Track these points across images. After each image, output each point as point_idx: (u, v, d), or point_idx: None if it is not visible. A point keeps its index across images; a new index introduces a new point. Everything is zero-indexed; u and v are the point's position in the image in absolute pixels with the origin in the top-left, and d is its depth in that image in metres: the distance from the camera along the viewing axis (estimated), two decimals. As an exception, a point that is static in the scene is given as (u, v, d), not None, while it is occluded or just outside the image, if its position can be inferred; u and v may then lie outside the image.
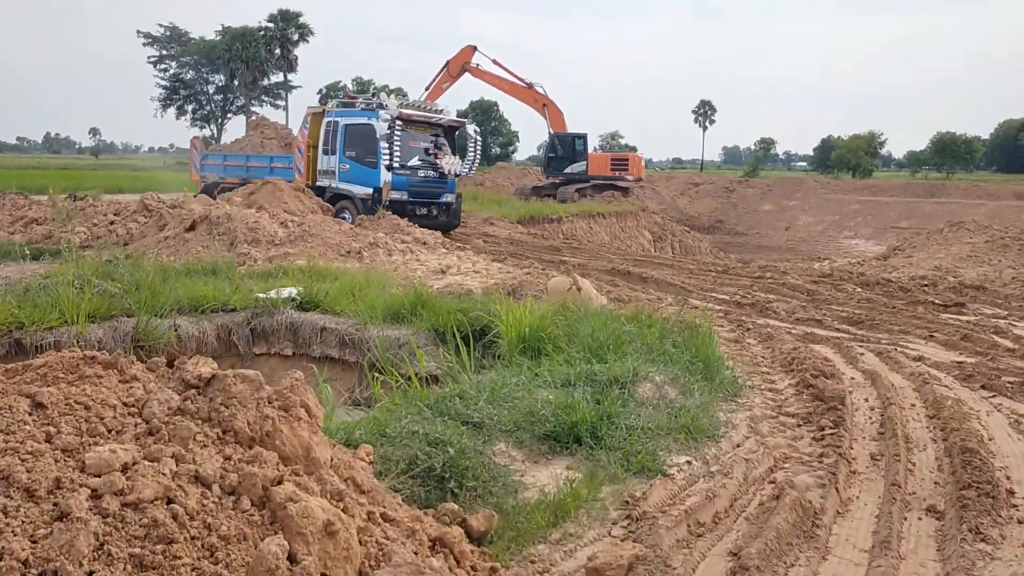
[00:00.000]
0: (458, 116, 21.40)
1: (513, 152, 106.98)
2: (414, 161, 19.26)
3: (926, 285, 12.65)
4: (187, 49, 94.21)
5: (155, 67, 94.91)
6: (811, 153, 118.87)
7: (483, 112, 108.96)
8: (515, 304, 8.08)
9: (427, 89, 35.86)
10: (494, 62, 36.43)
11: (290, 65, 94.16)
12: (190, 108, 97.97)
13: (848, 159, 79.98)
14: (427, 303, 9.34)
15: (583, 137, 37.29)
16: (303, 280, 11.14)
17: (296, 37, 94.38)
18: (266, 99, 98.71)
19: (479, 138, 21.38)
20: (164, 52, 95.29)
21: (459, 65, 35.97)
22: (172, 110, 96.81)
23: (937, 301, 11.23)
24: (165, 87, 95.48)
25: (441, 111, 20.67)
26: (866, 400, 6.79)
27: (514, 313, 7.72)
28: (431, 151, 19.73)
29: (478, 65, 36.54)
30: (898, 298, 11.72)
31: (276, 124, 25.16)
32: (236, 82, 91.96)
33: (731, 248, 37.95)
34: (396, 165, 18.39)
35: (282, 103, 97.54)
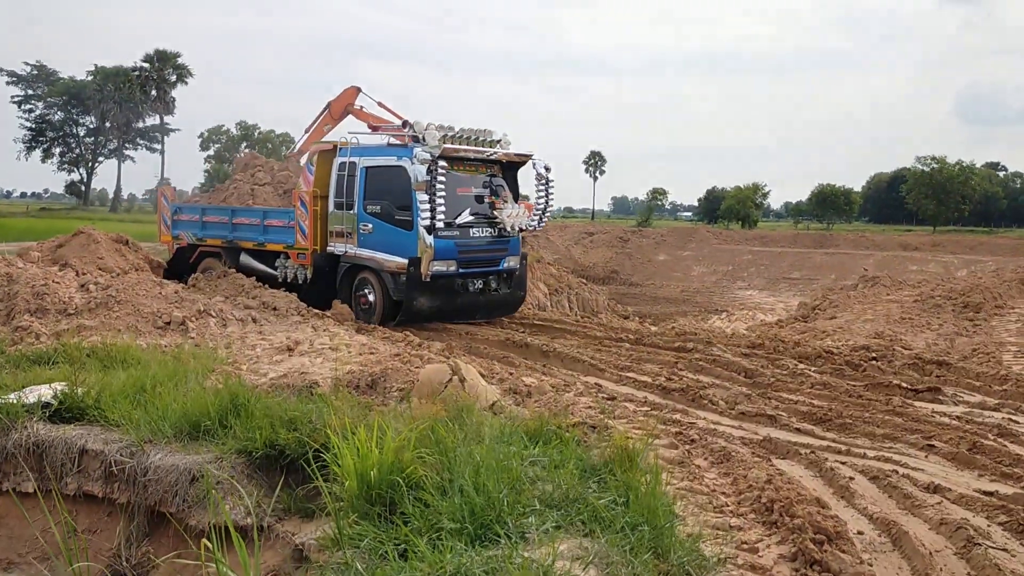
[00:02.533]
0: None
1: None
2: (464, 216, 13.48)
3: (874, 358, 10.60)
4: (55, 89, 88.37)
5: (19, 107, 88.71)
6: (696, 204, 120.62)
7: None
8: (361, 425, 5.37)
9: (306, 131, 32.95)
10: (379, 104, 33.83)
11: (167, 107, 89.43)
12: (57, 151, 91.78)
13: (737, 210, 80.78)
14: (244, 408, 6.52)
15: (474, 184, 35.12)
16: (90, 367, 8.14)
17: (174, 78, 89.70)
18: (141, 142, 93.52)
19: (551, 177, 14.84)
20: (30, 92, 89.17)
21: (342, 107, 33.15)
22: (38, 153, 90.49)
23: (904, 384, 9.12)
24: (30, 129, 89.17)
25: (499, 141, 14.50)
26: (899, 581, 4.38)
27: (357, 442, 5.02)
28: (486, 199, 14.03)
29: (362, 107, 33.88)
30: (852, 379, 9.58)
31: (272, 163, 18.59)
32: (108, 124, 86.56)
33: (628, 300, 36.16)
34: (440, 224, 12.75)
35: (158, 146, 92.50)
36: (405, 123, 13.60)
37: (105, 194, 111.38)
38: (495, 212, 13.92)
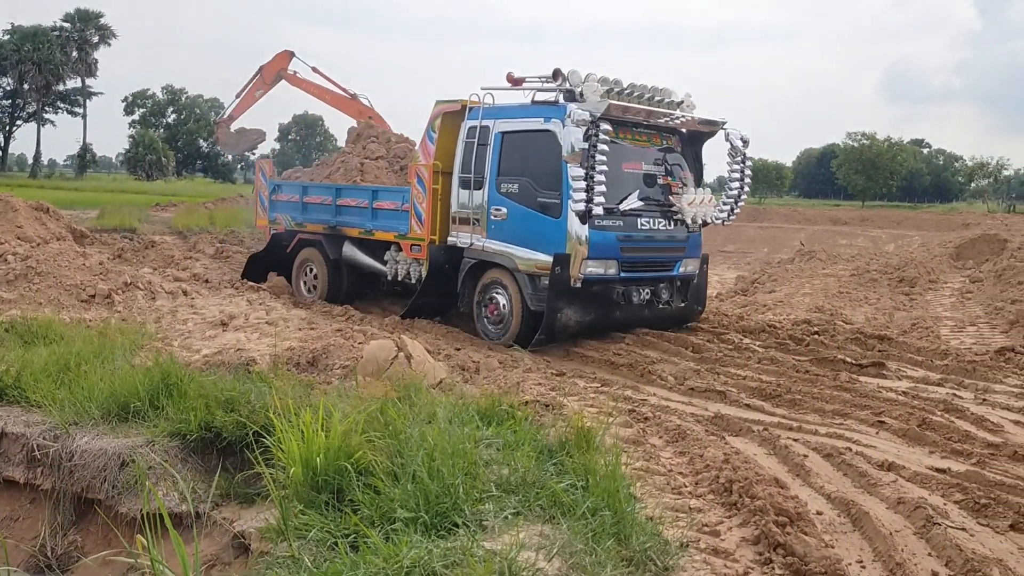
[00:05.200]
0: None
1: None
2: (631, 201, 9.99)
3: (817, 333, 10.65)
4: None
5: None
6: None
7: (307, 127, 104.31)
8: (305, 407, 5.09)
9: (237, 97, 31.93)
10: (314, 70, 32.75)
11: (89, 69, 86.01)
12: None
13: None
14: (176, 388, 6.17)
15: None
16: (9, 343, 7.65)
17: (96, 39, 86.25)
18: (62, 106, 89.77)
19: (747, 153, 11.22)
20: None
21: (274, 72, 32.10)
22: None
23: (848, 359, 9.17)
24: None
25: (680, 103, 10.88)
26: (861, 564, 4.31)
27: (301, 425, 4.74)
28: (660, 180, 10.55)
29: (296, 72, 32.89)
30: (797, 353, 9.60)
31: (389, 134, 15.01)
32: (26, 86, 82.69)
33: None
34: (599, 210, 9.33)
35: (80, 110, 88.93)
36: (556, 73, 9.98)
37: (24, 159, 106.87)
38: (672, 199, 10.49)
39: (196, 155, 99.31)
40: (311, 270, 12.90)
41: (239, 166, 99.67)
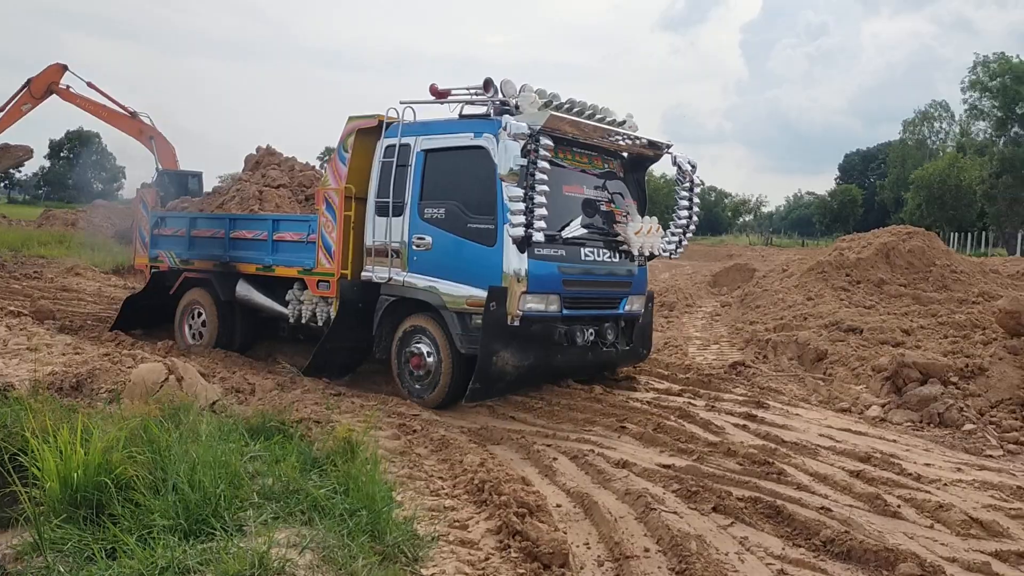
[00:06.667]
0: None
1: (119, 190, 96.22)
2: (574, 227, 8.81)
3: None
4: None
5: None
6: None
7: (82, 144, 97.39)
8: (65, 424, 5.09)
9: (1, 110, 29.63)
10: (89, 85, 30.97)
11: None
12: None
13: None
14: (-78, 415, 5.89)
15: (198, 175, 33.17)
16: None
17: None
18: None
19: (697, 177, 10.39)
20: None
21: (44, 85, 29.91)
22: None
23: (606, 375, 10.10)
24: None
25: (623, 123, 9.70)
26: (587, 545, 4.95)
27: (60, 443, 4.76)
28: (603, 206, 9.38)
29: (69, 87, 31.00)
30: (563, 371, 10.44)
31: (293, 161, 13.34)
32: None
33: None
34: (539, 237, 8.07)
35: None
36: (487, 83, 8.84)
37: None
38: (617, 227, 9.38)
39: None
40: (198, 314, 11.39)
41: (1, 184, 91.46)
